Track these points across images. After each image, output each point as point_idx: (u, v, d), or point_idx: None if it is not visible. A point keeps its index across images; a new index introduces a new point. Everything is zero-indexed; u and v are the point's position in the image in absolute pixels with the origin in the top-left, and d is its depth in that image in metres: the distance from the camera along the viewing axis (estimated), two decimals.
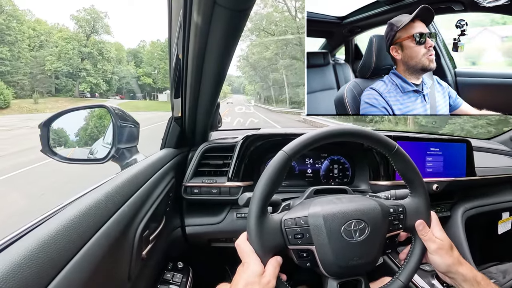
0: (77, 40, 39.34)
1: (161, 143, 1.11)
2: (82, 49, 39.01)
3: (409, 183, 0.72)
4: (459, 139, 1.29)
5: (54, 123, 0.95)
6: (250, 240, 0.61)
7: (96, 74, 40.15)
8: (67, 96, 39.04)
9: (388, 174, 1.15)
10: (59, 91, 39.56)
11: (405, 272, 0.68)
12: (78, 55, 38.93)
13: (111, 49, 41.69)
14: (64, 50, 37.92)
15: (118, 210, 0.60)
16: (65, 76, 38.73)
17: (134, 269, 0.67)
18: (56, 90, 39.34)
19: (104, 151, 1.00)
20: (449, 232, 1.29)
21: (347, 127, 0.68)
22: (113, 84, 44.36)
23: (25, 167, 6.74)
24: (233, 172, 1.07)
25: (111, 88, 43.97)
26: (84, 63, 39.12)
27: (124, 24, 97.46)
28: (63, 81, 39.03)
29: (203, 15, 0.60)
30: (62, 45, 38.21)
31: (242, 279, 0.57)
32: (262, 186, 0.62)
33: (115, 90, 45.44)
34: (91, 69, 39.40)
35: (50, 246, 0.41)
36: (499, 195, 1.46)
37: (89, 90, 39.36)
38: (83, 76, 38.75)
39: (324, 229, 0.62)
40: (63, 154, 0.96)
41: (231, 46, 0.72)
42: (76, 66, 38.48)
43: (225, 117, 18.63)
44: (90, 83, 39.45)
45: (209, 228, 1.10)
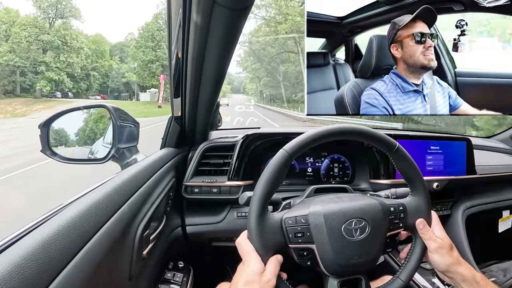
0: (37, 26, 30.97)
1: (161, 142, 1.11)
2: (40, 36, 30.40)
3: (409, 181, 0.72)
4: (459, 137, 1.29)
5: (54, 123, 0.95)
6: (251, 238, 0.61)
7: (59, 68, 31.34)
8: (31, 96, 31.40)
9: (389, 172, 1.15)
10: (26, 90, 32.25)
11: (405, 271, 0.68)
12: (38, 45, 30.60)
13: (78, 37, 33.02)
14: (17, 38, 29.56)
15: (118, 209, 0.60)
16: (33, 72, 31.02)
17: (135, 269, 0.67)
18: (22, 89, 31.99)
19: (104, 151, 1.00)
20: (450, 230, 1.29)
21: (347, 125, 0.68)
22: (93, 82, 37.67)
23: None
24: (233, 171, 1.07)
25: (90, 87, 37.51)
26: (47, 55, 30.79)
27: (110, 15, 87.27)
28: (28, 78, 31.34)
29: (203, 14, 0.60)
30: (15, 32, 29.89)
31: (242, 278, 0.57)
32: (262, 184, 0.62)
33: (95, 89, 38.99)
34: (51, 62, 30.65)
35: (50, 246, 0.41)
36: (499, 194, 1.46)
37: (49, 88, 30.87)
38: (42, 71, 30.37)
39: (324, 228, 0.62)
40: (63, 154, 0.96)
41: (230, 45, 0.72)
42: (35, 59, 30.23)
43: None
44: (50, 80, 30.73)
45: (210, 227, 1.10)
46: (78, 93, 36.25)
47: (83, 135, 1.09)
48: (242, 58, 34.07)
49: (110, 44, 43.88)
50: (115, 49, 43.40)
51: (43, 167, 6.52)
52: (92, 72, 37.38)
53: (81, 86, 36.03)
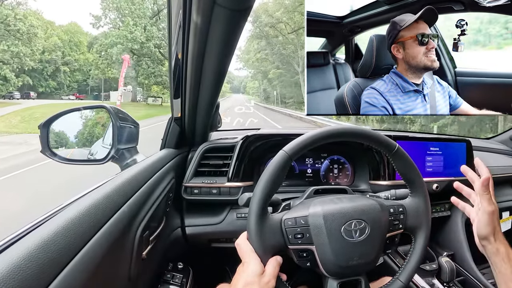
0: None
1: (161, 143, 1.11)
2: None
3: (409, 183, 0.72)
4: (459, 139, 1.29)
5: (53, 124, 0.95)
6: (250, 239, 0.61)
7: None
8: None
9: (388, 173, 1.15)
10: None
11: (405, 272, 0.68)
12: None
13: (27, 19, 23.85)
14: None
15: (118, 210, 0.60)
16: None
17: (134, 270, 0.66)
18: None
19: (103, 151, 1.00)
20: (449, 232, 1.28)
21: (347, 127, 0.68)
22: (63, 79, 31.61)
23: None
24: (233, 172, 1.07)
25: (60, 85, 31.71)
26: None
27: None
28: None
29: (203, 15, 0.60)
30: None
31: (241, 279, 0.57)
32: (262, 185, 0.62)
33: (68, 87, 33.04)
34: None
35: (50, 246, 0.41)
36: (499, 195, 1.46)
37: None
38: None
39: (324, 229, 0.62)
40: (62, 155, 0.96)
41: (230, 46, 0.72)
42: None
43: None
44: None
45: (209, 228, 1.10)
46: (47, 92, 30.20)
47: (82, 138, 1.10)
48: (243, 50, 28.06)
49: (91, 35, 36.69)
50: (95, 40, 33.28)
51: None
52: (63, 67, 31.02)
53: (49, 84, 30.14)
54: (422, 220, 0.70)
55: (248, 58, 28.30)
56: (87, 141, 1.11)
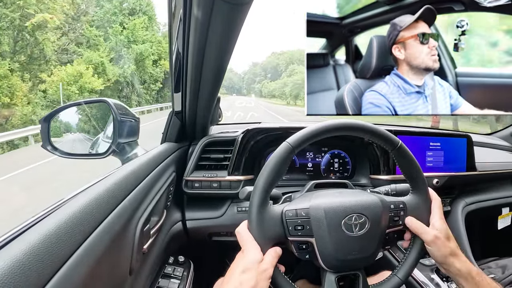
0: None
1: (161, 137, 1.11)
2: None
3: (410, 180, 0.72)
4: (459, 134, 1.29)
5: (54, 118, 0.94)
6: (251, 228, 0.62)
7: None
8: None
9: (389, 168, 1.15)
10: None
11: (403, 268, 0.69)
12: None
13: None
14: None
15: (119, 204, 0.60)
16: None
17: (135, 263, 0.67)
18: None
19: (104, 145, 1.00)
20: (449, 226, 1.28)
21: (351, 121, 0.67)
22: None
23: None
24: (234, 166, 1.08)
25: None
26: None
27: None
28: None
29: (203, 9, 0.60)
30: None
31: (240, 265, 0.57)
32: (264, 176, 0.62)
33: None
34: None
35: (51, 241, 0.41)
36: (499, 191, 1.46)
37: None
38: None
39: (324, 222, 0.63)
40: (63, 149, 0.96)
41: (231, 40, 0.72)
42: None
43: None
44: None
45: (210, 222, 1.11)
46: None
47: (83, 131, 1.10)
48: None
49: None
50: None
51: None
52: None
53: None
54: (422, 218, 0.70)
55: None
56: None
